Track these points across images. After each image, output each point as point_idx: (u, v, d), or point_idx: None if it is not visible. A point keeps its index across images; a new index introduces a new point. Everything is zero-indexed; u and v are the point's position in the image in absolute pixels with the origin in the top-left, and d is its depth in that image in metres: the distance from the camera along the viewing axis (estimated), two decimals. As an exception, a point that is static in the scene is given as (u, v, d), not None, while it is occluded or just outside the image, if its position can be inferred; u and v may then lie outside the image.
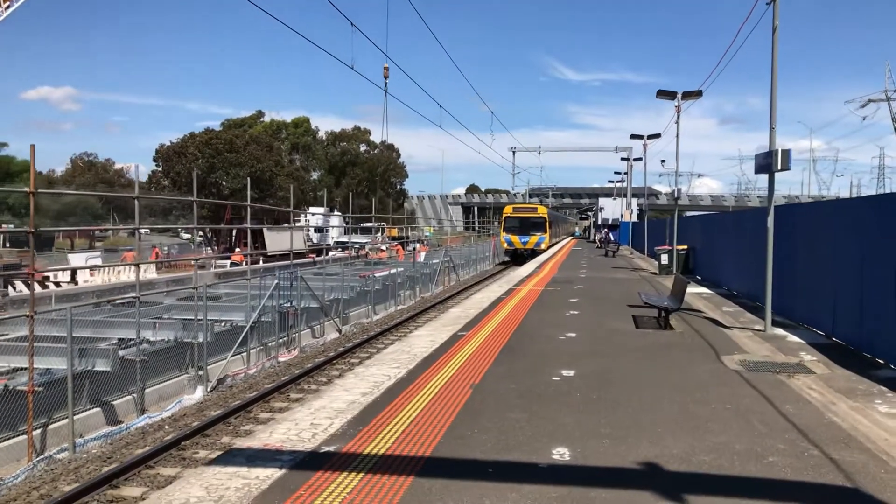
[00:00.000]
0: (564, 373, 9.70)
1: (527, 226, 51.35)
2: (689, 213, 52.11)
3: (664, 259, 29.75)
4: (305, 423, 7.17)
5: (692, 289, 22.87)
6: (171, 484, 6.04)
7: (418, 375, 9.40)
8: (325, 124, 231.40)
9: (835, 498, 5.47)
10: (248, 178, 30.61)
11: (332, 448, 6.40)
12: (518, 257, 50.76)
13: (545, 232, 51.62)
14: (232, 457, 6.20)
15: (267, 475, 5.72)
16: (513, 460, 6.20)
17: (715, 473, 5.96)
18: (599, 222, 70.99)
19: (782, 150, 13.05)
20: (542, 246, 50.56)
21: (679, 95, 29.51)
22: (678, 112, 29.53)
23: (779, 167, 13.12)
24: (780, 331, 13.82)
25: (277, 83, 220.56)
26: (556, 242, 66.19)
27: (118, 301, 17.08)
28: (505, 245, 52.96)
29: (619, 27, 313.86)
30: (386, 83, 27.75)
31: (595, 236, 69.53)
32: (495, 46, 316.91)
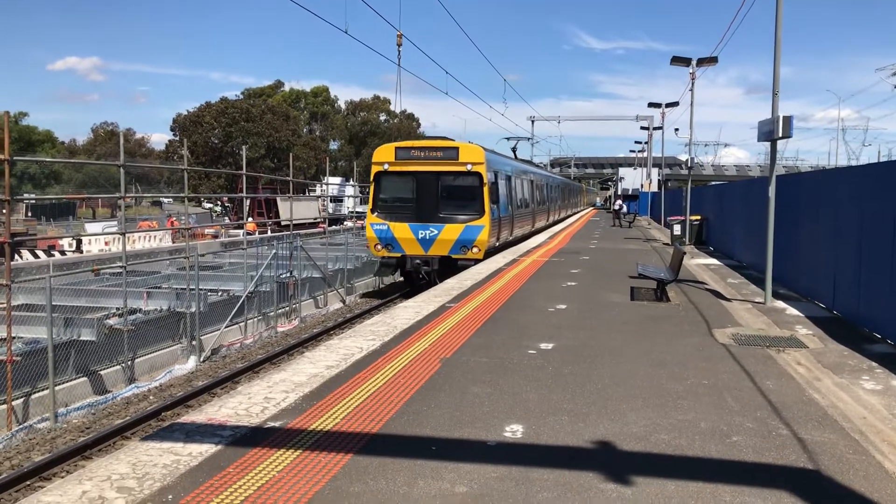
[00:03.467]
0: (543, 346, 9.41)
1: (433, 196, 21.64)
2: (713, 184, 51.25)
3: (677, 230, 29.25)
4: (259, 397, 6.96)
5: (701, 259, 22.46)
6: (95, 461, 5.86)
7: (391, 348, 9.17)
8: (348, 94, 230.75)
9: (791, 481, 5.16)
10: (241, 149, 30.48)
11: (277, 424, 6.18)
12: (409, 275, 22.74)
13: (481, 213, 21.55)
14: (171, 432, 6.00)
15: (201, 451, 5.51)
16: (461, 437, 5.95)
17: (670, 454, 5.68)
18: (619, 192, 70.16)
19: (783, 117, 12.57)
20: (475, 250, 21.39)
21: (694, 62, 28.82)
22: (693, 79, 28.87)
23: (780, 134, 12.66)
24: (780, 303, 13.43)
25: (299, 53, 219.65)
26: (537, 231, 34.94)
27: (105, 270, 17.03)
28: (376, 245, 21.82)
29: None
30: (399, 52, 27.27)
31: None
32: (517, 14, 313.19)
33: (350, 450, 5.61)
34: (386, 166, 21.76)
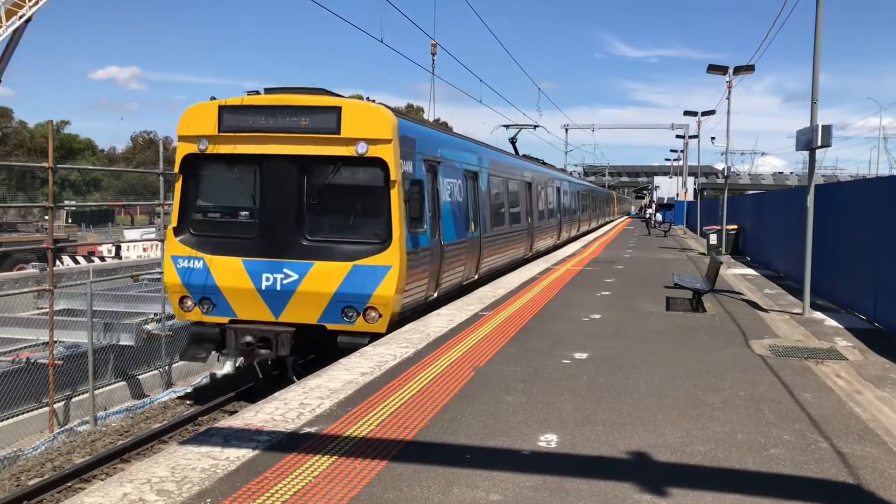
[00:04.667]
0: (577, 355, 9.38)
1: (292, 205, 10.99)
2: (749, 193, 50.60)
3: (713, 239, 28.94)
4: (295, 403, 7.03)
5: (737, 270, 22.21)
6: (134, 464, 5.96)
7: (425, 356, 9.19)
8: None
9: (831, 495, 5.09)
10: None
11: (313, 429, 6.24)
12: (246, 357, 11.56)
13: (386, 238, 10.91)
14: (209, 436, 6.09)
15: (238, 456, 5.58)
16: (496, 446, 5.96)
17: (707, 465, 5.63)
18: (654, 200, 69.53)
19: (822, 126, 12.43)
20: (373, 315, 10.78)
21: (730, 70, 28.53)
22: (729, 87, 28.60)
23: (819, 143, 12.51)
24: (818, 314, 13.24)
25: (334, 61, 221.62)
26: (536, 255, 24.49)
27: (144, 276, 17.31)
28: (182, 300, 11.18)
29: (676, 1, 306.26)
30: (433, 60, 27.34)
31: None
32: (549, 22, 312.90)
33: (385, 456, 5.64)
34: (203, 145, 11.16)
